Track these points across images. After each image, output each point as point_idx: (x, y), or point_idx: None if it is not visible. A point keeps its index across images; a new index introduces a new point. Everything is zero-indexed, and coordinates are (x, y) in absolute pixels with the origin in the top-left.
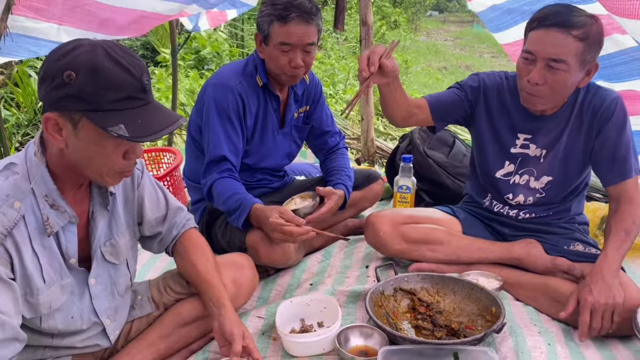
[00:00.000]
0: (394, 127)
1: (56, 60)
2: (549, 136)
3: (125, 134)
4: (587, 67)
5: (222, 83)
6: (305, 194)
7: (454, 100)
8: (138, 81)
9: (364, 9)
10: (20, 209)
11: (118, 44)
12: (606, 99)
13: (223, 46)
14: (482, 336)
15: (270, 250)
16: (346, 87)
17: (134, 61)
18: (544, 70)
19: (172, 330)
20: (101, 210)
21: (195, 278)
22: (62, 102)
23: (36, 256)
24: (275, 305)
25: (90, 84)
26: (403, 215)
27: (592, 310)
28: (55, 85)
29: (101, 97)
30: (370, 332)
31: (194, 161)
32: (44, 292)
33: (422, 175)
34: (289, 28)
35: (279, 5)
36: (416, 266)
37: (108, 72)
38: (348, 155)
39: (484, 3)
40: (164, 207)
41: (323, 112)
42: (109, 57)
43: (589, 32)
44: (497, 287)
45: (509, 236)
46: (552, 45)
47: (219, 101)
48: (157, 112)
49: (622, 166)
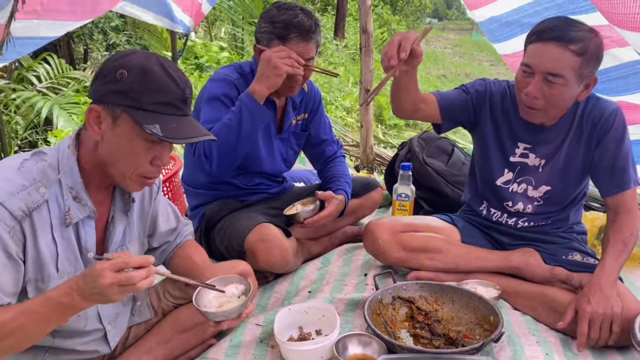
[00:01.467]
0: (393, 134)
1: (114, 60)
2: (548, 147)
3: (158, 133)
4: (585, 81)
5: (219, 77)
6: (306, 200)
7: (461, 101)
8: (181, 91)
9: (364, 17)
10: (45, 195)
11: (170, 60)
12: (605, 111)
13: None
14: (480, 345)
15: (269, 253)
16: (346, 94)
17: (181, 75)
18: (541, 84)
19: (171, 336)
20: (121, 215)
21: (189, 264)
22: (108, 97)
23: (54, 244)
24: (274, 312)
25: (138, 82)
26: (402, 223)
27: (590, 321)
28: (107, 81)
29: (145, 97)
30: (369, 340)
31: (193, 167)
32: (55, 281)
33: (421, 183)
34: (288, 47)
35: (278, 24)
36: (415, 274)
37: (156, 76)
38: (346, 163)
39: (483, 14)
40: (175, 221)
41: (321, 120)
42: (161, 65)
43: (587, 47)
44: (496, 296)
45: (507, 245)
46: (549, 59)
47: (215, 88)
48: (191, 123)
49: (620, 177)
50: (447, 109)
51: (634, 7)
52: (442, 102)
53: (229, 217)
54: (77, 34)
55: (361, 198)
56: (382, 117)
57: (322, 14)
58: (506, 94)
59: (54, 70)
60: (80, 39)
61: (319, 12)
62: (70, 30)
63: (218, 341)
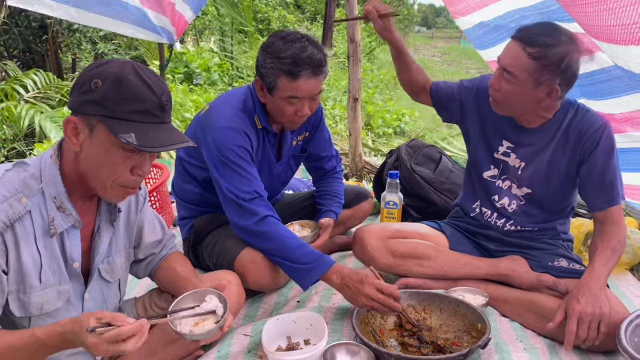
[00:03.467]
0: (382, 142)
1: (89, 70)
2: (530, 149)
3: (133, 142)
4: (545, 88)
5: (229, 127)
6: (305, 223)
7: (448, 94)
8: (158, 99)
9: (351, 26)
10: (27, 205)
11: (147, 67)
12: (593, 125)
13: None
14: (466, 352)
15: (259, 276)
16: (335, 103)
17: (158, 82)
18: (500, 77)
19: (158, 348)
20: (107, 225)
21: (174, 277)
22: (84, 107)
23: (38, 254)
24: (262, 322)
25: (113, 92)
26: (390, 230)
27: (579, 320)
28: (82, 91)
29: (120, 106)
30: (357, 349)
31: (184, 182)
32: (37, 292)
33: (409, 190)
34: (298, 84)
35: (286, 60)
36: (403, 281)
37: (131, 85)
38: (342, 180)
39: (471, 20)
40: (161, 232)
41: (322, 136)
42: (136, 73)
43: (546, 53)
44: (483, 303)
45: (495, 252)
46: (508, 56)
47: (231, 143)
48: (170, 131)
49: (609, 192)
50: (437, 99)
51: (609, 19)
52: (434, 92)
53: (218, 232)
54: (65, 43)
55: (352, 209)
56: (371, 125)
57: (311, 22)
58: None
59: (41, 80)
60: (69, 48)
61: (308, 21)
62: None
63: (205, 352)
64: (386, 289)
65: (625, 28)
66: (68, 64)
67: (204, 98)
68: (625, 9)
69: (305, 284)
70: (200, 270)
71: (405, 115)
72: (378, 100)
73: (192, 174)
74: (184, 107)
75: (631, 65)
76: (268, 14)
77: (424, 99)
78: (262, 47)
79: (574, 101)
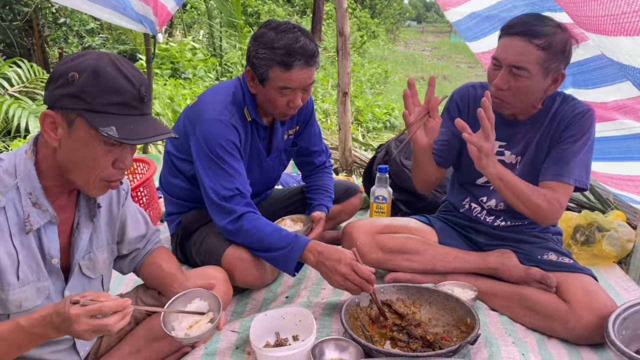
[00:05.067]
0: (372, 136)
1: (64, 63)
2: (522, 142)
3: (114, 135)
4: (552, 75)
5: (218, 119)
6: (297, 217)
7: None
8: (136, 90)
9: (340, 20)
10: (1, 202)
11: (124, 58)
12: (577, 109)
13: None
14: (456, 348)
15: (246, 273)
16: (324, 97)
17: (136, 73)
18: (507, 76)
19: (144, 345)
20: (86, 221)
21: (160, 274)
22: (61, 101)
23: (15, 251)
24: (250, 319)
25: (90, 85)
26: (380, 225)
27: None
28: (58, 85)
29: (99, 99)
30: (346, 345)
31: (172, 177)
32: (15, 289)
33: (398, 185)
34: (291, 74)
35: (279, 50)
36: (392, 276)
37: (109, 77)
38: (332, 175)
39: (462, 11)
40: (144, 227)
41: (312, 131)
42: (113, 65)
43: (552, 42)
44: (473, 297)
45: (484, 245)
46: (514, 52)
47: (220, 137)
48: (150, 122)
49: (561, 167)
50: (445, 160)
51: (598, 9)
52: (439, 161)
53: (206, 229)
54: (51, 37)
55: (342, 204)
56: (360, 120)
57: (300, 16)
58: (474, 95)
59: (26, 74)
60: (55, 42)
61: (297, 14)
62: None
63: (193, 349)
64: (361, 271)
65: (614, 18)
66: (55, 58)
67: (193, 92)
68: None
69: (288, 269)
70: (188, 267)
71: (395, 109)
72: (368, 95)
73: (181, 169)
74: (174, 102)
75: (620, 57)
76: (258, 8)
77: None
78: (254, 38)
79: (561, 91)
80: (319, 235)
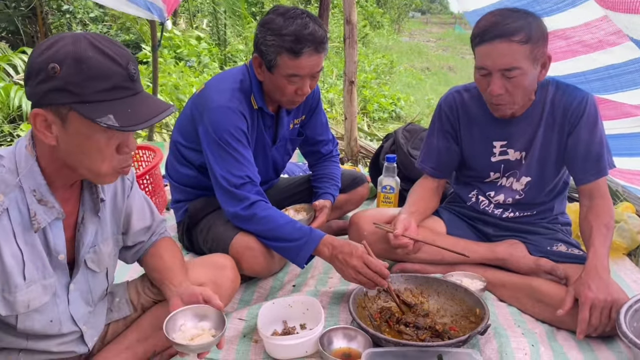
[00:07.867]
0: (377, 126)
1: (39, 54)
2: (523, 137)
3: (114, 124)
4: (540, 61)
5: (226, 106)
6: (300, 207)
7: (443, 155)
8: (125, 69)
9: (348, 7)
10: (4, 203)
11: (102, 35)
12: (576, 97)
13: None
14: (466, 338)
15: (254, 262)
16: (330, 87)
17: (119, 50)
18: (501, 81)
19: (150, 333)
20: (92, 216)
21: (161, 266)
22: (48, 96)
23: (20, 252)
24: (257, 307)
25: (75, 74)
26: (387, 215)
27: (591, 307)
28: (40, 80)
29: (87, 88)
30: (354, 334)
31: (179, 165)
32: (22, 290)
33: (406, 175)
34: (300, 61)
35: (288, 37)
36: (400, 266)
37: (93, 62)
38: (339, 164)
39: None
40: (150, 218)
41: (318, 120)
42: (94, 47)
43: (530, 32)
44: (481, 288)
45: (492, 236)
46: (500, 56)
47: (229, 124)
48: (147, 100)
49: (596, 164)
50: (445, 173)
51: None
52: (439, 175)
53: (213, 216)
54: (54, 24)
55: (348, 193)
56: (366, 109)
57: (305, 5)
58: (463, 100)
59: None
60: (59, 30)
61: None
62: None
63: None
64: (373, 264)
65: None
66: None
67: (199, 79)
68: None
69: (299, 261)
70: (194, 255)
71: (401, 99)
72: (373, 85)
73: (188, 157)
74: (179, 90)
75: None
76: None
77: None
78: (261, 24)
79: (551, 79)
80: (323, 223)
